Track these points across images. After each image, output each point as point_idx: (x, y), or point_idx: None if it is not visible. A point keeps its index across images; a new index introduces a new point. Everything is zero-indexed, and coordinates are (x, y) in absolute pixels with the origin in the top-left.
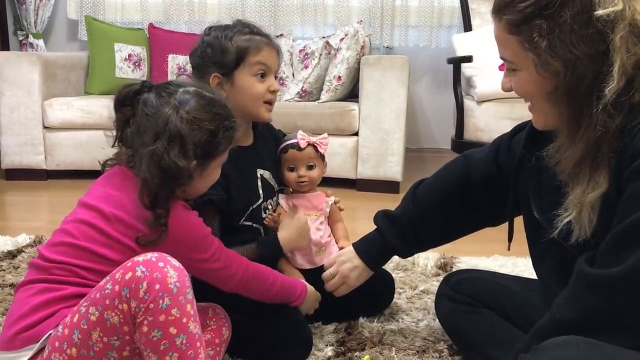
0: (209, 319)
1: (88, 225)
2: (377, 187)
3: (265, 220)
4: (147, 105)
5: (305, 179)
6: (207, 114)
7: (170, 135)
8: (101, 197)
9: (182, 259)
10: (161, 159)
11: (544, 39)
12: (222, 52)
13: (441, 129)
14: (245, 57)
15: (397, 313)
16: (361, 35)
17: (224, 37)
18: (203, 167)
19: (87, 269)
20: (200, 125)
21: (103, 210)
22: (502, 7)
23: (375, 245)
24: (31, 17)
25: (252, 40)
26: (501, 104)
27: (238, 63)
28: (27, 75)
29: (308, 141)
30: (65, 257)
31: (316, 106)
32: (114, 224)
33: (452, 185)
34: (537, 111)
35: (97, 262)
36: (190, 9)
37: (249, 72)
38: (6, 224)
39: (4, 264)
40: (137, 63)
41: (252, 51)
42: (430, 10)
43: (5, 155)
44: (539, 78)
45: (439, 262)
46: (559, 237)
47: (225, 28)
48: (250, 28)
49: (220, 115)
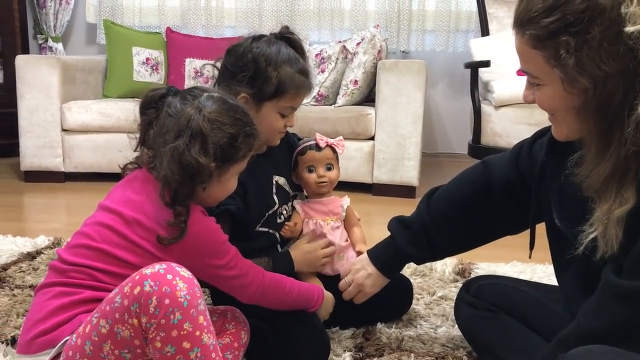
0: (227, 323)
1: (107, 228)
2: (393, 192)
3: (283, 231)
4: (171, 106)
5: (325, 179)
6: (229, 118)
7: (192, 133)
8: (121, 200)
9: (198, 264)
10: (182, 155)
11: (572, 55)
12: (264, 79)
13: (458, 133)
14: (281, 96)
15: (415, 319)
16: (378, 40)
17: (271, 63)
18: (222, 171)
19: (105, 272)
20: (221, 127)
21: (123, 214)
22: (524, 22)
23: (388, 252)
24: (51, 21)
25: (295, 82)
26: (519, 109)
27: (272, 98)
28: (46, 79)
29: (326, 141)
30: (84, 259)
31: (332, 110)
32: (133, 227)
33: (471, 192)
34: (559, 124)
35: (115, 265)
36: (207, 13)
37: (278, 109)
38: (25, 226)
39: (23, 265)
40: (154, 67)
41: (291, 94)
42: (447, 14)
43: (25, 157)
44: (565, 94)
45: (457, 268)
46: (584, 252)
47: (272, 46)
48: (299, 64)
49: (242, 121)
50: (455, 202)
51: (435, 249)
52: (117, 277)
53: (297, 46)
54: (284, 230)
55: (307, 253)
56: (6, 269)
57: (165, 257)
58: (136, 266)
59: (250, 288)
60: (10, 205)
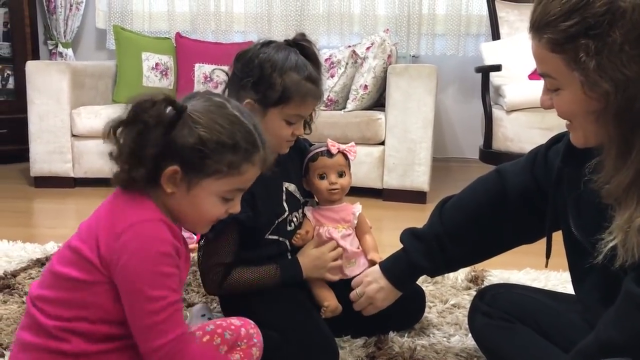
0: (240, 340)
1: (66, 247)
2: (403, 197)
3: (294, 239)
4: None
5: (337, 186)
6: (209, 120)
7: (157, 118)
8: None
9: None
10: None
11: (592, 58)
12: (269, 85)
13: (468, 138)
14: (287, 102)
15: (428, 328)
16: (388, 44)
17: (277, 70)
18: (189, 181)
19: (55, 302)
20: (192, 126)
21: (81, 227)
22: (542, 26)
23: (401, 265)
24: (61, 27)
25: (301, 89)
26: (531, 113)
27: (276, 104)
28: (56, 84)
29: (338, 148)
30: (40, 289)
31: (342, 115)
32: (82, 235)
33: (485, 201)
34: (577, 130)
35: (62, 287)
36: (217, 18)
37: (283, 116)
38: (35, 231)
39: (32, 272)
40: (164, 72)
41: (296, 101)
42: (458, 18)
43: (34, 163)
44: (585, 98)
45: (470, 275)
46: (603, 261)
47: (280, 52)
48: (307, 70)
49: (223, 128)
50: (469, 211)
51: (449, 260)
52: (62, 305)
53: (310, 54)
54: (295, 239)
55: (315, 259)
56: (15, 276)
57: (98, 263)
58: (76, 281)
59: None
60: (20, 211)
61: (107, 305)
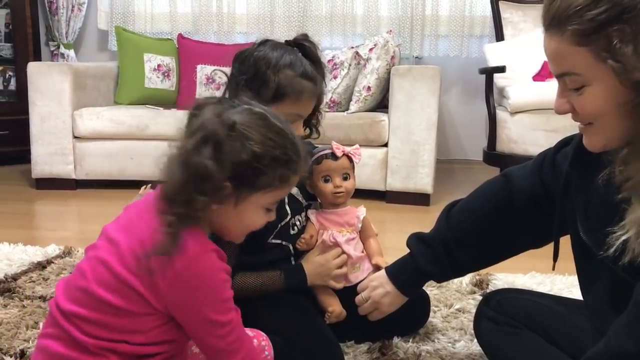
0: None
1: (102, 264)
2: (406, 199)
3: (298, 244)
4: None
5: (341, 189)
6: (259, 134)
7: (204, 135)
8: (124, 227)
9: (190, 313)
10: (188, 156)
11: (629, 44)
12: (263, 82)
13: (472, 140)
14: (281, 100)
15: (433, 333)
16: (391, 45)
17: (271, 67)
18: (239, 196)
19: (95, 323)
20: (244, 140)
21: (120, 246)
22: (564, 19)
23: (407, 270)
24: (62, 28)
25: (296, 86)
26: (535, 115)
27: (272, 102)
28: (57, 85)
29: (343, 150)
30: (73, 304)
31: (345, 117)
32: (127, 261)
33: (492, 205)
34: (598, 131)
35: (105, 312)
36: (219, 19)
37: (278, 113)
38: (36, 234)
39: (33, 275)
40: (166, 73)
41: (291, 98)
42: (461, 19)
43: (36, 165)
44: (618, 89)
45: (474, 279)
46: (613, 255)
47: (277, 51)
48: (302, 67)
49: (275, 143)
50: (477, 216)
51: (457, 265)
52: (107, 328)
53: (310, 53)
54: (299, 244)
55: (319, 266)
56: (16, 279)
57: (154, 302)
58: (123, 310)
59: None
60: (21, 213)
61: (152, 331)
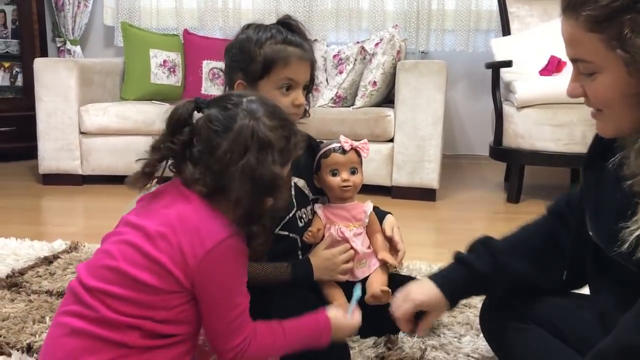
0: None
1: (130, 245)
2: (412, 195)
3: (305, 237)
4: (213, 121)
5: (349, 183)
6: (278, 120)
7: (259, 145)
8: (147, 214)
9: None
10: (255, 171)
11: (639, 35)
12: (250, 59)
13: (478, 135)
14: (271, 69)
15: (438, 328)
16: (397, 40)
17: (254, 43)
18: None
19: (123, 299)
20: (276, 130)
21: (146, 228)
22: (579, 4)
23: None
24: (69, 24)
25: (282, 52)
26: (542, 109)
27: (263, 74)
28: (64, 81)
29: (351, 144)
30: (100, 282)
31: (350, 112)
32: (156, 242)
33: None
34: (609, 119)
35: (134, 288)
36: (224, 14)
37: (274, 84)
38: (43, 229)
39: (40, 270)
40: (171, 69)
41: (280, 64)
42: (467, 14)
43: (43, 160)
44: (627, 80)
45: None
46: (627, 251)
47: (260, 30)
48: (284, 35)
49: (288, 121)
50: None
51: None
52: (135, 304)
53: (294, 27)
54: (306, 236)
55: (326, 260)
56: (23, 274)
57: (183, 278)
58: (152, 288)
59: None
60: (28, 209)
61: (176, 309)
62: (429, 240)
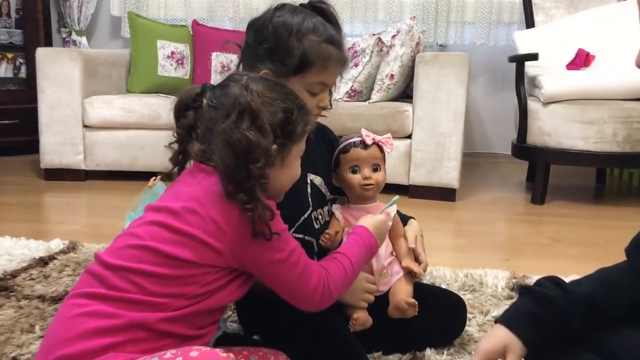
0: None
1: (156, 225)
2: (431, 194)
3: (321, 240)
4: (213, 99)
5: (371, 181)
6: (277, 93)
7: (240, 110)
8: (169, 197)
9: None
10: (231, 135)
11: None
12: (285, 51)
13: (497, 132)
14: (307, 70)
15: (469, 344)
16: (416, 31)
17: (293, 33)
18: (284, 153)
19: (153, 276)
20: (272, 103)
21: (170, 207)
22: None
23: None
24: (74, 14)
25: (322, 53)
26: (570, 105)
27: (296, 72)
28: (67, 72)
29: (374, 138)
30: (128, 261)
31: (366, 106)
32: (184, 217)
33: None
34: None
35: (165, 265)
36: (235, 5)
37: (305, 86)
38: (42, 227)
39: (34, 273)
40: (180, 61)
41: (317, 67)
42: (489, 5)
43: (45, 155)
44: None
45: (510, 282)
46: None
47: (298, 15)
48: (328, 32)
49: (291, 95)
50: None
51: None
52: (166, 281)
53: (329, 15)
54: (323, 240)
55: None
56: (15, 277)
57: (221, 247)
58: (189, 262)
59: (315, 295)
60: (28, 205)
61: (210, 286)
62: (449, 243)
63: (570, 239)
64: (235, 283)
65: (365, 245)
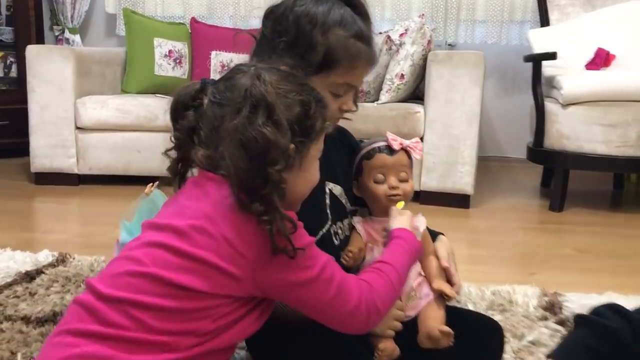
0: None
1: (159, 247)
2: (443, 201)
3: (343, 258)
4: (216, 94)
5: (398, 192)
6: (292, 85)
7: (252, 103)
8: (172, 213)
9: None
10: (244, 133)
11: None
12: (307, 45)
13: (510, 135)
14: (331, 68)
15: None
16: (427, 29)
17: (317, 25)
18: (302, 153)
19: (156, 310)
20: (287, 95)
21: (174, 226)
22: None
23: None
24: (68, 11)
25: (350, 50)
26: (591, 107)
27: (320, 70)
28: (59, 71)
29: (401, 143)
30: (126, 291)
31: (375, 108)
32: (191, 237)
33: None
34: None
35: (171, 296)
36: (235, 2)
37: (328, 87)
38: (29, 236)
39: (18, 290)
40: (177, 60)
41: (343, 66)
42: (501, 3)
43: (35, 158)
44: None
45: (543, 301)
46: None
47: (326, 7)
48: (357, 25)
49: (307, 86)
50: None
51: None
52: (172, 316)
53: (359, 7)
54: (344, 258)
55: None
56: None
57: (239, 272)
58: (199, 293)
59: (357, 315)
60: (16, 212)
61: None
62: (466, 254)
63: (597, 250)
64: (253, 314)
65: (411, 251)
